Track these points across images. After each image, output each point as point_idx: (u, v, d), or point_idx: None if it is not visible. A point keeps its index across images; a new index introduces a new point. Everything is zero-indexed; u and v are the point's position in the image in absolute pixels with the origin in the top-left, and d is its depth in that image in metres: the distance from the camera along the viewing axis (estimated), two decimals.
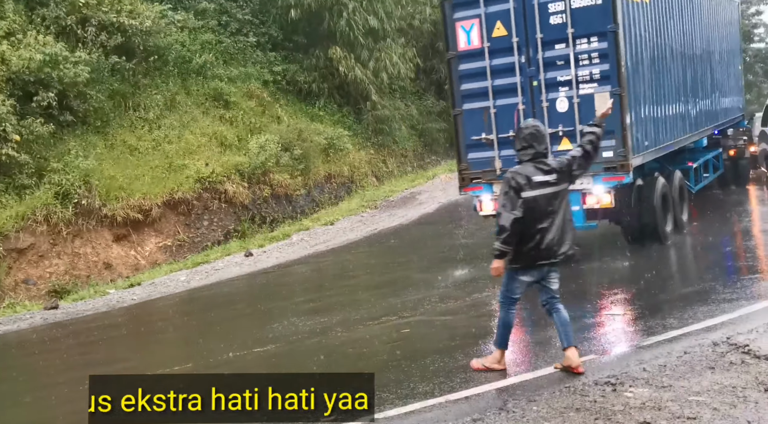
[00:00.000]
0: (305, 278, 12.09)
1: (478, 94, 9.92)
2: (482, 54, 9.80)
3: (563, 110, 9.44)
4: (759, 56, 52.25)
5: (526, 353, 6.25)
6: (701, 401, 4.50)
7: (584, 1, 9.13)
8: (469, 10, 9.82)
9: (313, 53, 20.35)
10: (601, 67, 9.22)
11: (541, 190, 5.28)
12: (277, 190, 16.54)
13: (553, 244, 5.36)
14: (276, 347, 7.74)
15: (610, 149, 9.24)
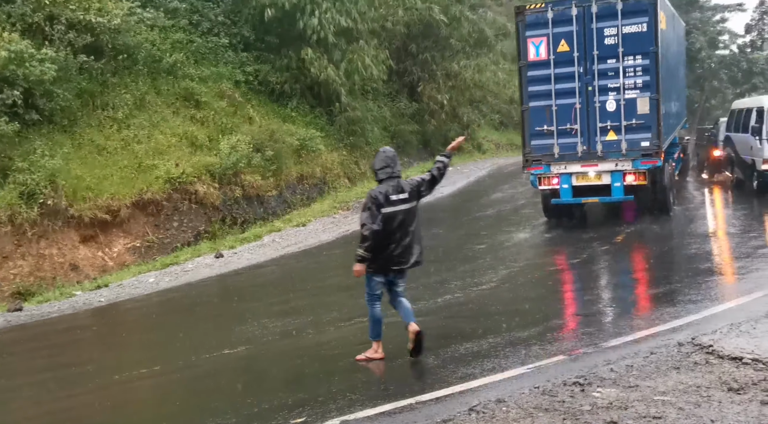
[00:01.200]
0: (277, 280, 12.01)
1: (543, 95, 12.70)
2: (548, 64, 12.56)
3: (611, 110, 12.38)
4: (724, 63, 53.36)
5: (495, 355, 6.28)
6: (667, 401, 4.57)
7: (633, 29, 12.17)
8: (539, 29, 12.60)
9: (286, 54, 20.26)
10: (644, 78, 12.24)
11: (397, 206, 6.21)
12: (248, 191, 16.41)
13: (404, 253, 6.28)
14: (247, 349, 7.69)
15: (647, 140, 12.33)
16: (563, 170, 12.72)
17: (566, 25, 12.40)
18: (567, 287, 9.33)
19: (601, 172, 12.57)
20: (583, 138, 12.54)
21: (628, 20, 12.19)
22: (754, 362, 5.18)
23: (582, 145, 12.55)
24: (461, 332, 7.29)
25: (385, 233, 6.16)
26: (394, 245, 6.22)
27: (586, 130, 12.50)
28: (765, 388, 4.63)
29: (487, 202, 18.01)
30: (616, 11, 12.20)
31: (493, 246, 12.65)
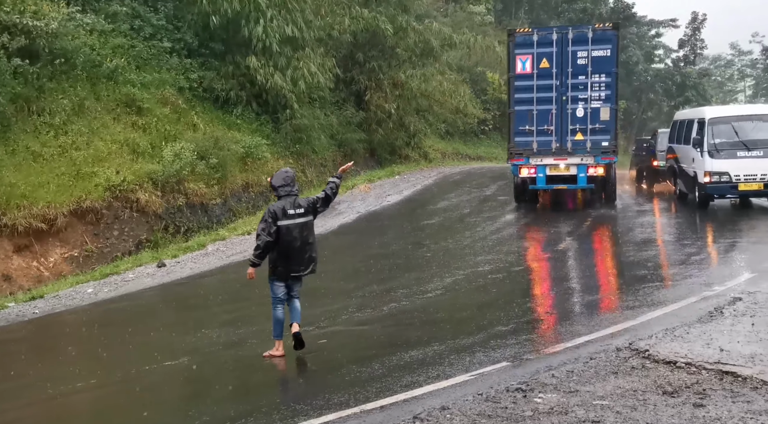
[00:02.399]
0: (221, 289, 11.81)
1: (526, 101, 15.94)
2: (532, 77, 15.86)
3: (580, 116, 15.73)
4: (659, 76, 55.39)
5: (440, 362, 6.33)
6: (605, 405, 4.68)
7: (599, 53, 15.68)
8: (526, 49, 15.91)
9: (231, 61, 20.03)
10: (606, 92, 15.73)
11: (293, 220, 6.92)
12: (192, 199, 16.10)
13: (300, 263, 7.00)
14: (189, 360, 7.53)
15: (606, 141, 15.79)
16: (540, 162, 15.94)
17: (548, 47, 15.75)
18: (510, 295, 9.47)
19: (570, 164, 15.88)
20: (556, 137, 15.78)
21: (596, 46, 15.65)
22: (687, 365, 5.36)
23: (555, 143, 15.82)
24: (407, 340, 7.32)
25: (283, 243, 6.93)
26: (293, 254, 6.96)
27: (559, 131, 15.74)
28: (697, 391, 4.80)
29: (433, 210, 18.17)
30: (587, 38, 15.66)
31: (439, 254, 12.76)
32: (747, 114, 15.57)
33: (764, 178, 14.45)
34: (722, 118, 15.22)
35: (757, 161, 14.40)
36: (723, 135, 14.83)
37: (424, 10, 31.61)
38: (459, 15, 42.96)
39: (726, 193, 15.00)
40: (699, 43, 65.88)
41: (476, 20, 43.27)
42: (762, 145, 14.48)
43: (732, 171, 14.53)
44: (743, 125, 14.85)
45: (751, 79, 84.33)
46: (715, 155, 14.70)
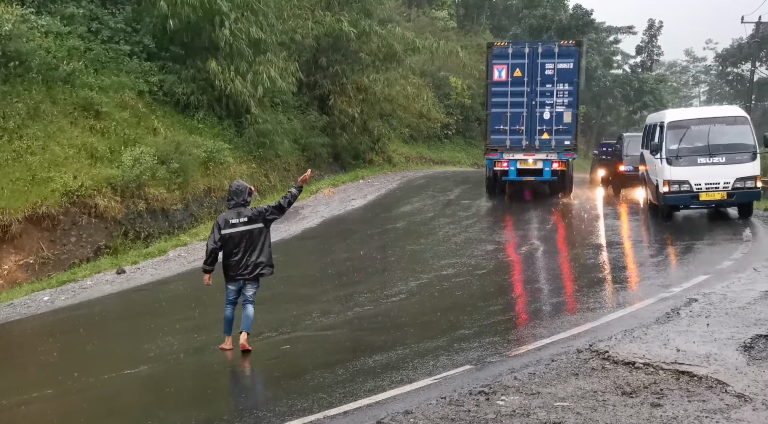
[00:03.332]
0: (183, 295, 11.64)
1: (501, 105, 18.38)
2: (507, 84, 18.30)
3: (547, 118, 18.16)
4: (617, 81, 56.50)
5: (404, 366, 6.34)
6: (566, 407, 4.74)
7: (563, 65, 18.13)
8: (502, 60, 18.44)
9: (191, 64, 19.79)
10: (568, 98, 18.19)
11: (236, 229, 7.46)
12: (152, 204, 15.83)
13: (246, 266, 7.49)
14: (149, 368, 7.40)
15: (568, 140, 18.21)
16: (512, 157, 18.28)
17: (521, 59, 18.22)
18: (474, 298, 9.53)
19: (537, 159, 18.23)
20: (526, 136, 18.22)
21: (561, 59, 18.17)
22: (645, 366, 5.46)
23: (525, 141, 18.23)
24: (371, 345, 7.31)
25: (227, 249, 7.50)
26: (236, 259, 7.50)
27: (528, 131, 18.20)
28: (655, 391, 4.89)
29: (398, 214, 18.21)
30: (554, 53, 18.27)
31: (404, 258, 12.79)
32: (708, 117, 14.44)
33: (727, 186, 13.49)
34: (681, 121, 14.28)
35: (719, 168, 13.50)
36: (683, 140, 13.90)
37: (387, 14, 31.71)
38: (422, 20, 43.25)
39: (687, 204, 14.21)
40: (655, 50, 67.48)
41: (439, 25, 43.64)
42: (724, 150, 13.64)
43: (692, 179, 13.62)
44: (704, 129, 13.87)
45: (705, 85, 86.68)
46: (673, 162, 13.80)
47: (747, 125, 13.97)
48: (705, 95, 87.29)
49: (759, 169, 13.90)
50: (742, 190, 13.59)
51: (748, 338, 5.99)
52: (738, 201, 13.91)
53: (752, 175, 13.66)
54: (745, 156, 13.65)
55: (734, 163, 13.57)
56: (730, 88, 78.03)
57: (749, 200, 14.00)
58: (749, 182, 13.63)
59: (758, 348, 5.75)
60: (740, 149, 13.69)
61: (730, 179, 13.51)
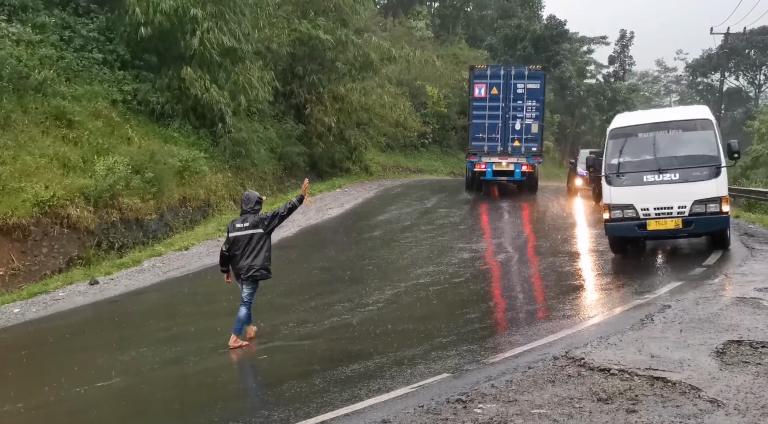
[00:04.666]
0: (157, 306, 11.51)
1: (481, 117, 22.19)
2: (485, 100, 22.18)
3: (518, 129, 21.97)
4: (591, 91, 57.27)
5: (381, 375, 6.32)
6: (543, 414, 4.76)
7: (532, 86, 21.97)
8: (482, 79, 22.32)
9: (166, 73, 19.65)
10: (536, 113, 22.00)
11: (239, 232, 8.24)
12: (126, 214, 15.65)
13: (245, 267, 8.14)
14: (123, 380, 7.29)
15: (535, 147, 22.04)
16: (489, 160, 22.01)
17: (497, 79, 22.05)
18: (451, 306, 9.55)
19: (509, 162, 21.91)
20: (501, 143, 21.99)
21: (530, 81, 22.00)
22: (620, 372, 5.51)
23: (500, 147, 21.99)
24: (348, 354, 7.29)
25: (232, 251, 8.26)
26: (238, 259, 8.20)
27: (503, 138, 21.93)
28: (630, 397, 4.93)
29: (375, 223, 18.21)
30: (524, 75, 22.12)
31: (381, 266, 12.79)
32: (661, 121, 11.44)
33: (683, 211, 10.59)
34: (626, 128, 11.42)
35: (672, 188, 10.65)
36: (626, 152, 11.21)
37: (363, 24, 31.78)
38: (398, 30, 43.47)
39: (632, 235, 11.16)
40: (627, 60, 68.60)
41: (416, 35, 43.89)
42: (679, 164, 10.74)
43: (638, 203, 10.81)
44: (654, 137, 11.11)
45: (676, 94, 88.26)
46: (614, 181, 11.04)
47: (710, 131, 10.88)
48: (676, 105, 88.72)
49: (725, 189, 10.75)
50: (702, 217, 10.56)
51: (720, 344, 6.08)
52: (697, 231, 10.86)
53: (715, 196, 10.56)
54: (705, 171, 10.61)
55: (692, 180, 10.61)
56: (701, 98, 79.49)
57: (714, 230, 10.96)
58: (712, 206, 10.58)
59: (730, 354, 5.84)
60: (700, 162, 10.72)
61: (686, 202, 10.58)
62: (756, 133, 33.22)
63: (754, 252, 11.39)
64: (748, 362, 5.59)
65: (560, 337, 7.08)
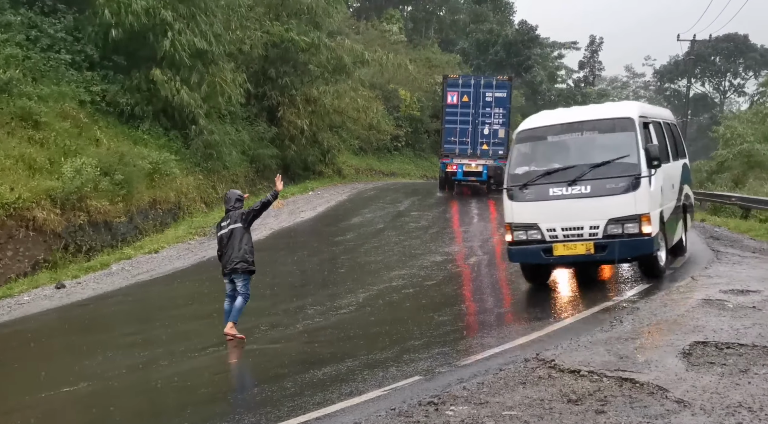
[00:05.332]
0: (126, 310, 11.35)
1: (453, 122, 24.02)
2: (457, 106, 24.00)
3: (486, 133, 23.75)
4: (562, 95, 57.94)
5: (353, 378, 6.30)
6: (514, 415, 4.79)
7: (499, 94, 23.96)
8: (454, 88, 24.25)
9: (135, 74, 19.39)
10: (502, 119, 23.92)
11: (222, 230, 8.59)
12: (94, 216, 15.39)
13: (229, 261, 8.40)
14: (89, 386, 7.16)
15: (502, 150, 22.91)
16: (460, 162, 23.68)
17: (468, 88, 24.01)
18: (423, 309, 9.57)
19: (478, 164, 23.56)
20: (471, 146, 23.75)
21: (498, 90, 24.03)
22: (590, 374, 5.57)
23: (470, 150, 23.71)
24: (320, 357, 7.26)
25: (219, 247, 8.65)
26: (222, 254, 8.55)
27: (472, 142, 23.73)
28: (599, 398, 4.99)
29: (347, 226, 18.18)
30: (492, 84, 24.24)
31: (353, 269, 12.76)
32: (573, 121, 9.50)
33: (595, 233, 8.72)
34: (534, 131, 9.60)
35: (582, 204, 8.78)
36: (534, 159, 9.47)
37: (336, 27, 31.78)
38: (371, 33, 43.51)
39: (537, 261, 9.27)
40: (597, 65, 69.58)
41: (390, 38, 43.98)
42: (592, 174, 8.81)
43: (543, 222, 8.96)
44: (566, 141, 9.38)
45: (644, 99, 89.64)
46: (516, 196, 9.21)
47: (631, 132, 8.91)
48: None
49: (647, 204, 8.71)
50: (619, 240, 8.65)
51: (687, 345, 6.17)
52: (612, 257, 8.85)
53: (633, 213, 8.64)
54: (622, 183, 8.71)
55: (606, 194, 8.72)
56: (668, 104, 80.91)
57: (637, 256, 9.08)
58: (630, 226, 8.65)
59: (696, 354, 5.93)
60: (616, 171, 8.79)
61: (599, 221, 8.72)
62: (721, 138, 33.93)
63: (719, 255, 11.61)
64: (714, 362, 5.69)
65: (531, 339, 7.14)
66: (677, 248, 10.92)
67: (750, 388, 5.00)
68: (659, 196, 9.20)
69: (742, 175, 28.03)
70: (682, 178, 11.28)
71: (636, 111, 9.41)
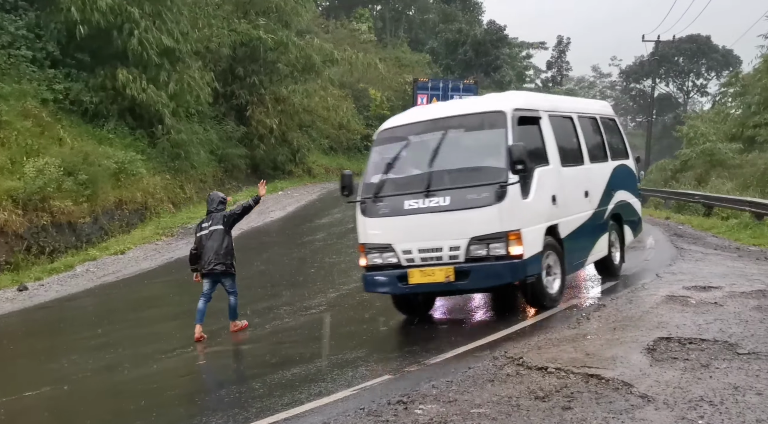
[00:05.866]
0: (91, 312, 11.16)
1: None
2: None
3: None
4: None
5: (323, 379, 6.28)
6: (482, 413, 4.81)
7: (466, 96, 21.88)
8: (424, 91, 27.89)
9: (99, 72, 19.07)
10: None
11: (204, 231, 8.69)
12: (58, 217, 15.11)
13: (207, 262, 8.49)
14: (53, 389, 7.02)
15: None
16: None
17: (437, 91, 25.99)
18: (392, 308, 9.56)
19: None
20: None
21: (465, 92, 25.28)
22: (557, 370, 5.62)
23: None
24: (289, 358, 7.22)
25: (196, 246, 8.68)
26: (200, 254, 8.59)
27: None
28: (566, 394, 5.04)
29: (317, 226, 18.12)
30: (459, 87, 26.29)
31: (323, 269, 12.73)
32: (435, 118, 7.87)
33: (455, 256, 7.12)
34: (395, 130, 8.07)
35: (440, 219, 7.15)
36: (392, 165, 7.87)
37: (305, 26, 31.65)
38: (341, 32, 43.43)
39: (395, 291, 7.76)
40: (564, 65, 70.50)
41: (359, 38, 43.96)
42: (451, 181, 7.29)
43: (398, 242, 7.38)
44: (426, 143, 7.72)
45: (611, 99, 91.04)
46: (369, 210, 7.70)
47: (501, 129, 7.24)
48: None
49: (517, 218, 7.07)
50: (483, 264, 7.07)
51: (651, 341, 6.27)
52: (475, 286, 7.38)
53: (499, 231, 7.00)
54: (485, 193, 7.04)
55: (468, 207, 7.10)
56: (634, 103, 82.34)
57: (504, 283, 7.34)
58: (496, 246, 7.03)
59: (660, 350, 6.03)
60: (479, 179, 7.21)
61: (460, 241, 7.11)
62: (685, 137, 34.60)
63: (683, 252, 11.83)
64: (677, 358, 5.79)
65: (500, 337, 7.18)
66: (606, 268, 9.49)
67: (711, 382, 5.10)
68: (545, 208, 7.56)
69: (705, 173, 28.64)
70: (613, 184, 9.43)
71: (512, 103, 7.63)
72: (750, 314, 7.14)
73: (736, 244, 13.60)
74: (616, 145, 10.13)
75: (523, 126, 7.50)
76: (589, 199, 8.77)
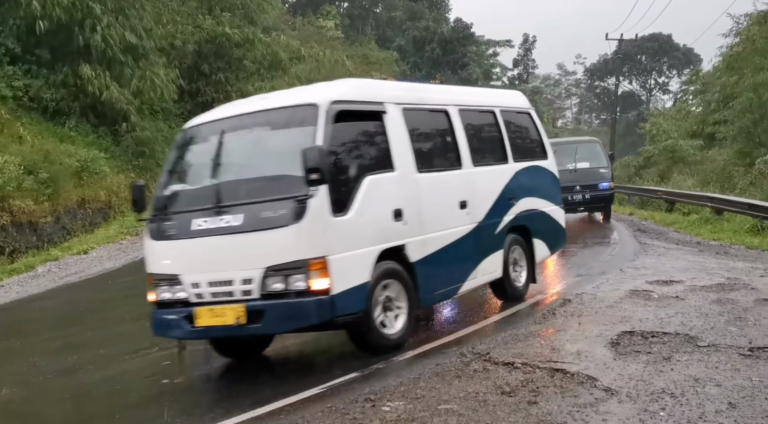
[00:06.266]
0: (53, 314, 10.93)
1: None
2: None
3: None
4: None
5: (289, 377, 6.25)
6: (449, 409, 4.84)
7: None
8: None
9: (61, 69, 18.68)
10: None
11: None
12: (18, 217, 14.77)
13: None
14: (12, 392, 6.87)
15: None
16: None
17: None
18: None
19: None
20: None
21: None
22: (523, 365, 5.69)
23: None
24: (257, 357, 7.16)
25: None
26: None
27: None
28: (532, 389, 5.10)
29: None
30: None
31: None
32: (237, 114, 6.49)
33: (249, 291, 5.64)
34: (193, 131, 6.67)
35: (231, 242, 5.71)
36: (187, 173, 6.64)
37: (271, 22, 31.42)
38: (308, 29, 43.21)
39: (182, 336, 6.27)
40: (530, 63, 71.25)
41: (326, 35, 43.79)
42: (245, 194, 5.88)
43: (186, 272, 5.92)
44: (227, 144, 6.27)
45: (576, 97, 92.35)
46: (157, 231, 6.15)
47: (310, 127, 5.80)
48: (576, 107, 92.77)
49: (321, 241, 5.63)
50: (281, 300, 5.63)
51: (615, 335, 6.38)
52: (270, 330, 6.09)
53: (298, 258, 5.54)
54: (282, 209, 5.57)
55: (262, 227, 5.62)
56: (598, 101, 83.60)
57: (306, 327, 5.90)
58: (297, 277, 5.59)
59: (624, 344, 6.14)
60: (277, 191, 5.75)
61: (253, 271, 5.66)
62: (648, 134, 35.27)
63: (646, 247, 12.06)
64: (640, 351, 5.90)
65: (467, 333, 7.24)
66: (502, 291, 8.25)
67: (672, 374, 5.21)
68: (378, 226, 6.13)
69: (667, 170, 29.25)
70: (515, 190, 8.13)
71: (331, 95, 6.07)
72: (710, 307, 7.31)
73: (697, 238, 13.92)
74: (527, 143, 8.74)
75: (351, 123, 6.11)
76: (468, 211, 7.31)
